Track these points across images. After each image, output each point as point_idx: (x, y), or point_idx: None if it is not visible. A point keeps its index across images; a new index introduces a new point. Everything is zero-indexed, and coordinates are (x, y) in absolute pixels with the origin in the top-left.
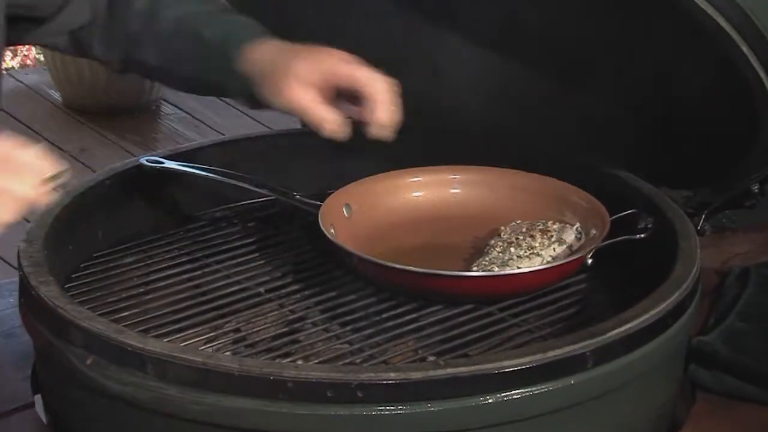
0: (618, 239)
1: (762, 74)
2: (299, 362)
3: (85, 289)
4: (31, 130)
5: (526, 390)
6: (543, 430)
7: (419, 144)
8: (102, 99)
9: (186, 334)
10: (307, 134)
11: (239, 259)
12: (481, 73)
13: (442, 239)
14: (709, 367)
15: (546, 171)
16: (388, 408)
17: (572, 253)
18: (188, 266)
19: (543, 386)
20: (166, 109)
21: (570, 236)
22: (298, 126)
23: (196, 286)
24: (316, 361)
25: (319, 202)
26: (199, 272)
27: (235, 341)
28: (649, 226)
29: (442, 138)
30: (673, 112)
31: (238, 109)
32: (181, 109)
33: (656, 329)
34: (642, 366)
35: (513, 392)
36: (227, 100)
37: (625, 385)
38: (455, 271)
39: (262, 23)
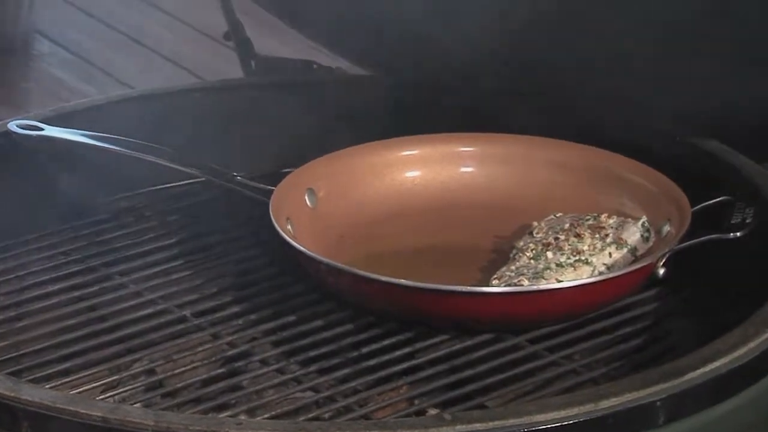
0: (703, 239)
1: None
2: (242, 417)
3: None
4: None
5: None
6: None
7: (417, 102)
8: None
9: (77, 378)
10: (252, 87)
11: (154, 269)
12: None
13: (448, 240)
14: None
15: (597, 140)
16: None
17: (636, 259)
18: (79, 279)
19: None
20: (43, 46)
21: (633, 235)
22: (240, 75)
23: (91, 308)
24: (266, 415)
25: (270, 187)
26: (95, 288)
27: (149, 387)
28: (748, 220)
29: (447, 94)
30: None
31: (151, 49)
32: (63, 47)
33: (757, 369)
34: (737, 422)
35: None
36: (133, 34)
37: None
38: (467, 285)
39: None
